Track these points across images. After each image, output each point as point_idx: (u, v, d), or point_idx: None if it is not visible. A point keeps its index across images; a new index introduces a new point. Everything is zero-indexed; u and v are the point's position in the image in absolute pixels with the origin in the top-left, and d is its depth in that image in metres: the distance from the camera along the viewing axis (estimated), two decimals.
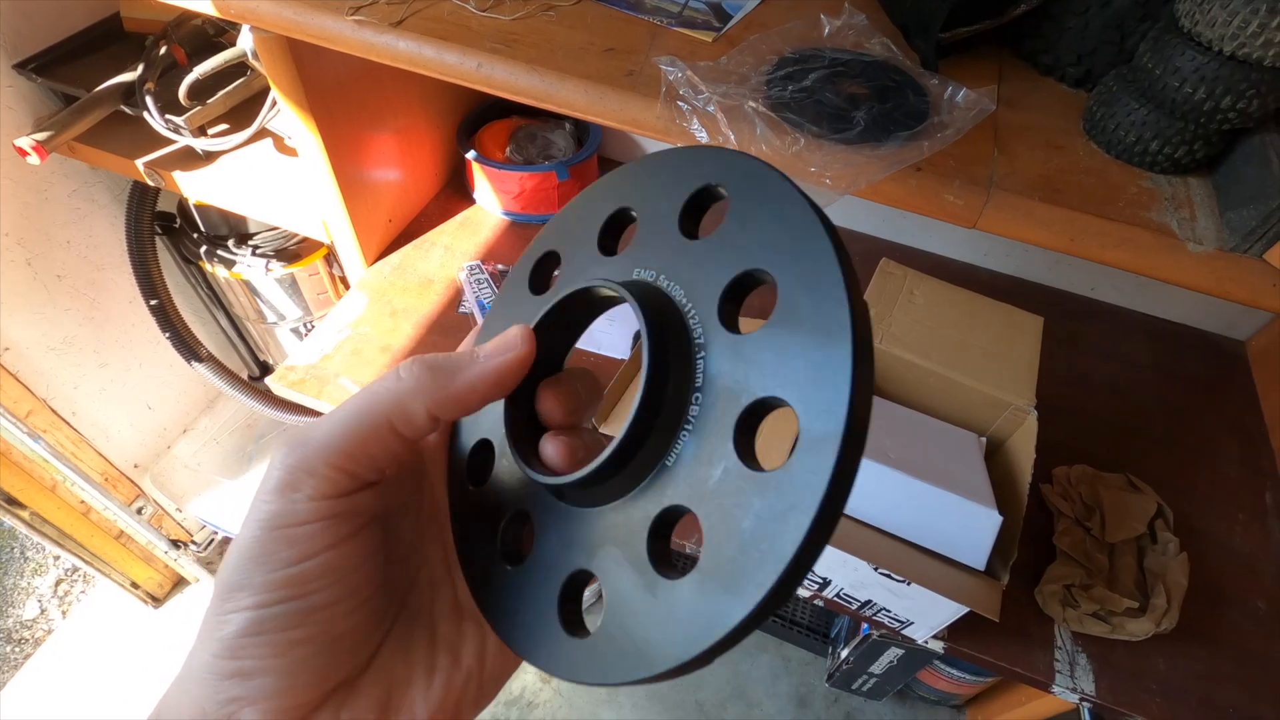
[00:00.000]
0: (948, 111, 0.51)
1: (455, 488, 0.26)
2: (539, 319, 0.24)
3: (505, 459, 0.25)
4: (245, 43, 0.78)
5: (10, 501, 1.08)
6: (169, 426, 1.31)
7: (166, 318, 1.06)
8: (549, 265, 0.27)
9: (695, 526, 0.19)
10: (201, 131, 0.84)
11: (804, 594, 0.71)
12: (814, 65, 0.54)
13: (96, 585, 1.41)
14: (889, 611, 0.68)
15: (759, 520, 0.17)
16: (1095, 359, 0.90)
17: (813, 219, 0.19)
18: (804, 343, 0.18)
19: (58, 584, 1.44)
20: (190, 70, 0.79)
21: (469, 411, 0.23)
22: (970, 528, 0.62)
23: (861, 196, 0.49)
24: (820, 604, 0.71)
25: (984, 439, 0.73)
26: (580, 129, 1.03)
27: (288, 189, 0.86)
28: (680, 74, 0.52)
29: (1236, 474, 0.80)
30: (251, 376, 1.37)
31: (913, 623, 0.68)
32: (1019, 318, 0.76)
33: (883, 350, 0.72)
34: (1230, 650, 0.67)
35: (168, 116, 0.81)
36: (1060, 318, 0.88)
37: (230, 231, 1.03)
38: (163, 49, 0.83)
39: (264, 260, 1.03)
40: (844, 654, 1.16)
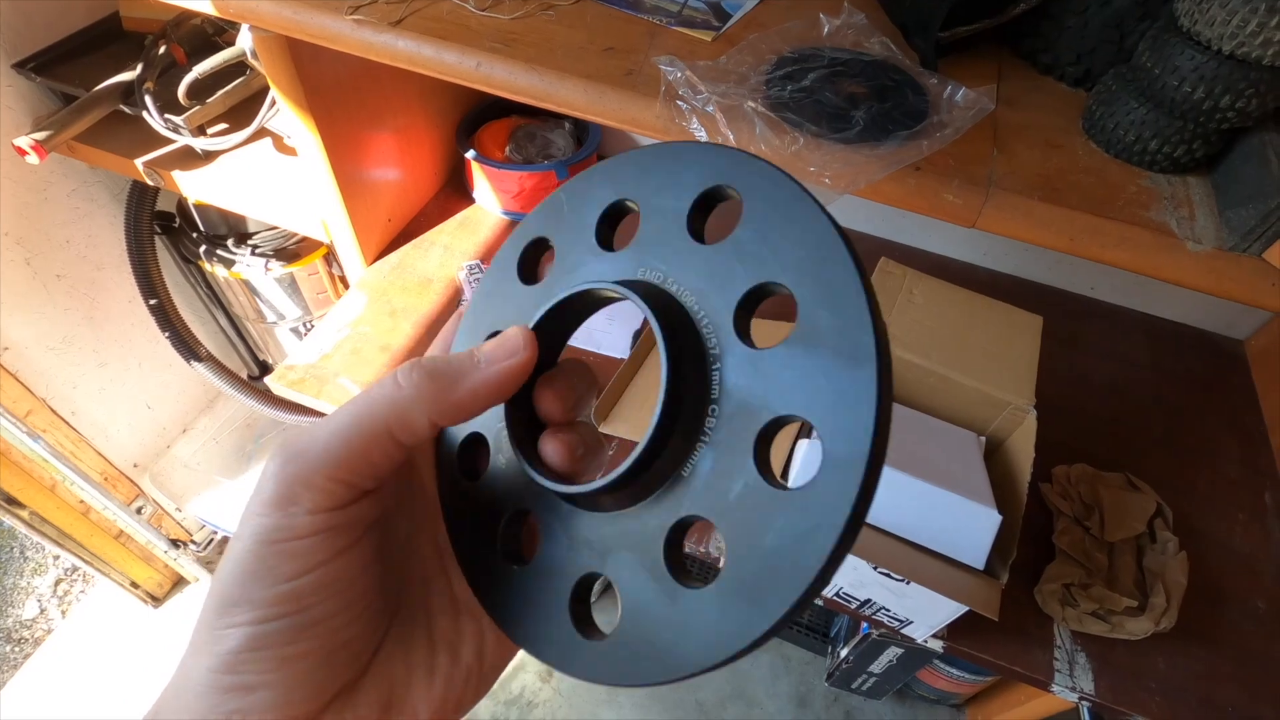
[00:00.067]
0: (947, 111, 0.51)
1: (446, 482, 0.26)
2: (539, 319, 0.23)
3: (502, 455, 0.25)
4: (244, 42, 0.78)
5: (10, 501, 1.08)
6: (168, 426, 1.31)
7: (166, 317, 1.06)
8: (538, 252, 0.27)
9: (700, 531, 0.19)
10: (201, 131, 0.84)
11: None
12: (813, 64, 0.54)
13: (96, 585, 1.41)
14: (888, 610, 0.68)
15: (782, 538, 0.18)
16: (1095, 358, 0.90)
17: (833, 234, 0.19)
18: (827, 365, 0.18)
19: (57, 583, 1.44)
20: (189, 70, 0.79)
21: (471, 417, 0.23)
22: (970, 527, 0.62)
23: (861, 196, 0.49)
24: (820, 603, 0.71)
25: (983, 438, 0.73)
26: (579, 128, 1.03)
27: (287, 188, 0.86)
28: (679, 73, 0.52)
29: (1236, 473, 0.80)
30: (251, 376, 1.37)
31: (912, 622, 0.68)
32: (1018, 317, 0.76)
33: None
34: (1229, 649, 0.67)
35: (167, 116, 0.81)
36: (1059, 317, 0.88)
37: (229, 231, 1.03)
38: (162, 48, 0.83)
39: (263, 260, 1.03)
40: (843, 653, 1.16)
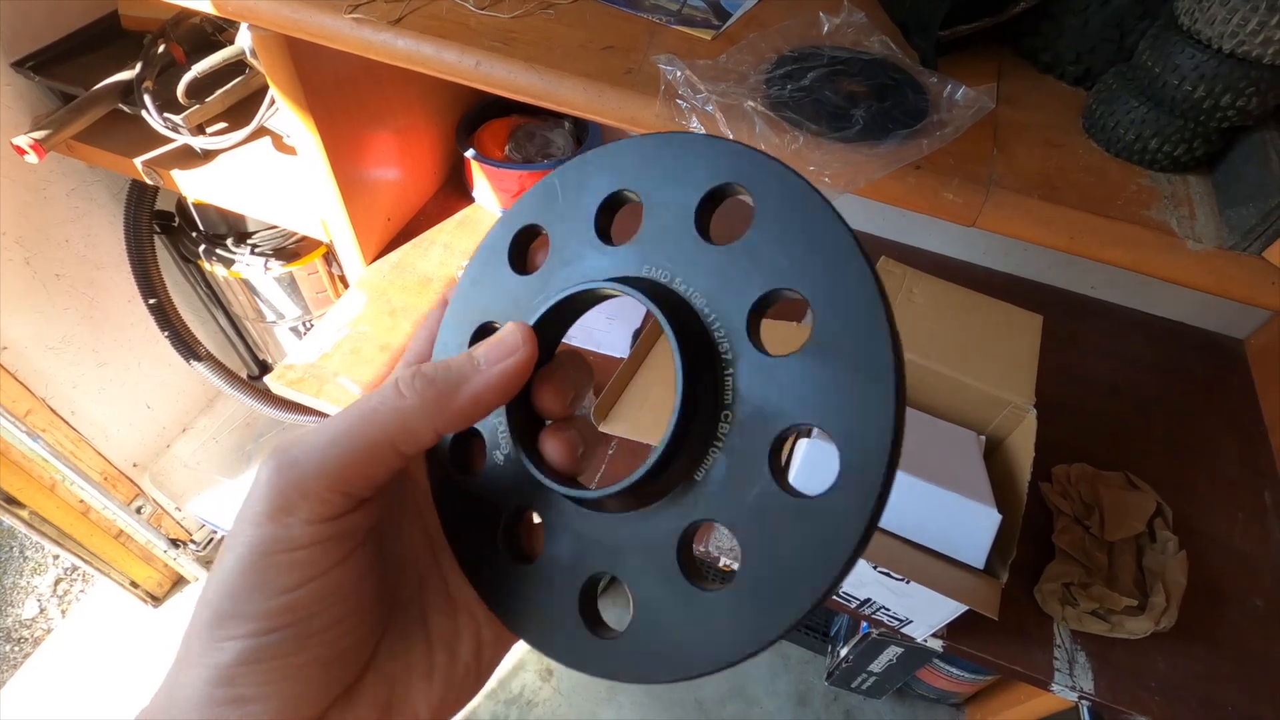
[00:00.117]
0: (947, 109, 0.51)
1: (439, 478, 0.26)
2: (540, 316, 0.23)
3: (500, 452, 0.24)
4: (243, 41, 0.78)
5: (9, 501, 1.08)
6: (168, 425, 1.31)
7: (165, 316, 1.06)
8: (529, 239, 0.26)
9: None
10: (200, 130, 0.84)
11: None
12: (813, 63, 0.54)
13: (96, 584, 1.41)
14: (888, 610, 0.68)
15: (798, 546, 0.18)
16: (1094, 357, 0.90)
17: (850, 242, 0.19)
18: (844, 378, 0.18)
19: (57, 583, 1.44)
20: (188, 68, 0.79)
21: (474, 422, 0.22)
22: (969, 526, 0.62)
23: (860, 195, 0.49)
24: None
25: (983, 437, 0.73)
26: (579, 127, 1.03)
27: (286, 187, 0.86)
28: (679, 72, 0.51)
29: (1235, 473, 0.80)
30: (250, 375, 1.37)
31: (912, 621, 0.68)
32: (1018, 316, 0.76)
33: None
34: (1229, 649, 0.67)
35: (166, 115, 0.81)
36: (1059, 316, 0.88)
37: (229, 230, 1.03)
38: (161, 47, 0.83)
39: (263, 259, 1.03)
40: (843, 652, 1.16)
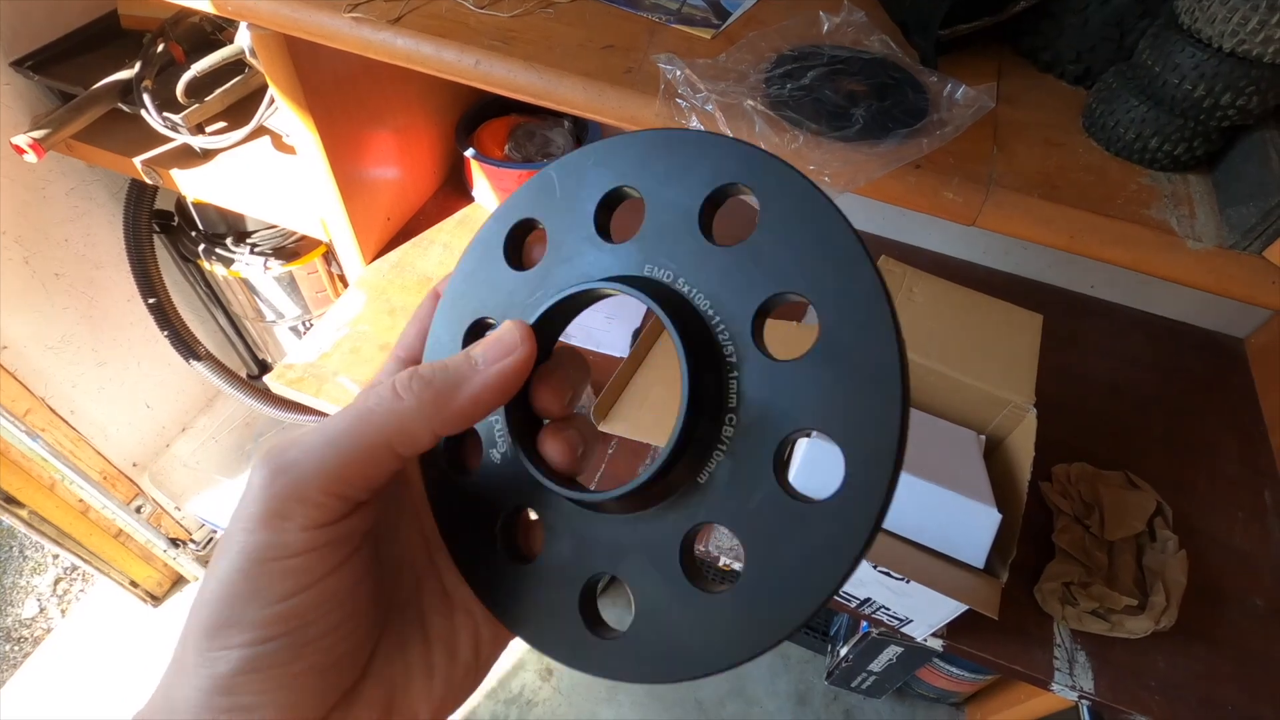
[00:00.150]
0: (947, 109, 0.51)
1: (433, 477, 0.26)
2: (540, 315, 0.23)
3: (496, 451, 0.24)
4: (243, 40, 0.77)
5: (9, 500, 1.08)
6: (167, 425, 1.31)
7: (165, 316, 1.06)
8: (525, 234, 0.26)
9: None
10: (199, 129, 0.84)
11: None
12: (813, 62, 0.54)
13: (95, 584, 1.41)
14: (888, 609, 0.68)
15: (803, 551, 0.18)
16: (1094, 357, 0.90)
17: (856, 246, 0.19)
18: (851, 385, 0.18)
19: (57, 583, 1.44)
20: (188, 68, 0.79)
21: (473, 424, 0.22)
22: (969, 525, 0.62)
23: (860, 194, 0.49)
24: None
25: (983, 437, 0.73)
26: (579, 127, 1.03)
27: (286, 187, 0.86)
28: (678, 71, 0.51)
29: (1235, 472, 0.80)
30: (250, 375, 1.37)
31: (912, 621, 0.68)
32: (1018, 315, 0.76)
33: None
34: (1229, 648, 0.67)
35: (165, 114, 0.81)
36: (1059, 315, 0.88)
37: (228, 230, 1.03)
38: (160, 46, 0.83)
39: (262, 258, 1.02)
40: (843, 652, 1.16)
